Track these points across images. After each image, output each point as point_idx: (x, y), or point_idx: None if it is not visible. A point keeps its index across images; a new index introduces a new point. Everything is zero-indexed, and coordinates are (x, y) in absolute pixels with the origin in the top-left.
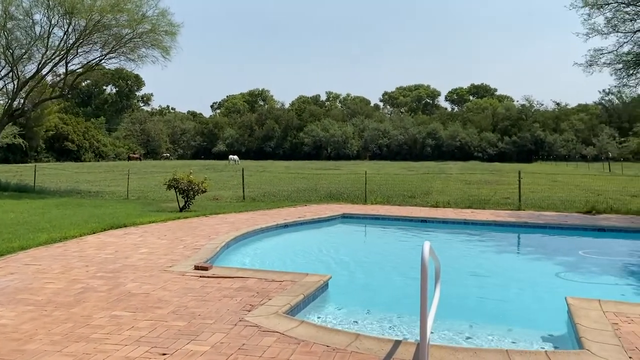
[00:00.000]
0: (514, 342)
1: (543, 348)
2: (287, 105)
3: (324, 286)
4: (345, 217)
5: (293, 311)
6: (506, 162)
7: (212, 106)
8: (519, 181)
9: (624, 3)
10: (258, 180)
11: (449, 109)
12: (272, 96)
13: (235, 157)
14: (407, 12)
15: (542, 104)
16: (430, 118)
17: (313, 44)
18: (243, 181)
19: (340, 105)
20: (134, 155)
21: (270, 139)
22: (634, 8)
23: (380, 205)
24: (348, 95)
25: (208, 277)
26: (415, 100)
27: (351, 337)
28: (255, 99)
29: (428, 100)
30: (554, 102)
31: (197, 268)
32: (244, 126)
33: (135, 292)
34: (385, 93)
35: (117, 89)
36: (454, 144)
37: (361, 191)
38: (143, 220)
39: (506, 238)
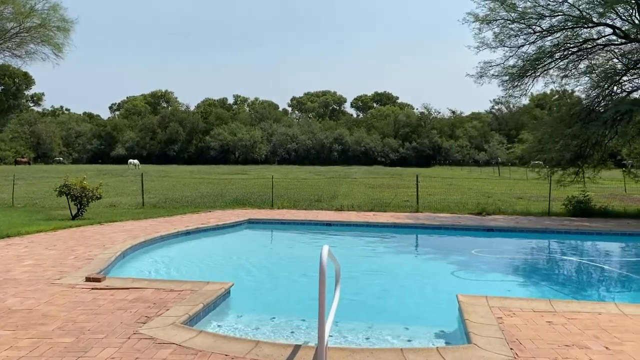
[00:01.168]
0: (409, 341)
1: (434, 345)
2: (192, 108)
3: (226, 294)
4: (251, 223)
5: (192, 321)
6: (407, 167)
7: (110, 107)
8: (417, 185)
9: (509, 20)
10: (160, 186)
11: (355, 115)
12: (176, 98)
13: (136, 161)
14: (314, 20)
15: (440, 112)
16: (336, 124)
17: (220, 47)
18: (142, 187)
19: (248, 109)
20: (22, 159)
21: (173, 142)
22: (518, 25)
23: (287, 210)
24: (256, 99)
25: (100, 288)
26: (322, 106)
27: (251, 344)
28: (158, 100)
29: (335, 107)
30: (450, 110)
31: (88, 280)
32: (145, 129)
33: (17, 308)
34: (294, 98)
35: (2, 87)
36: (359, 149)
37: (268, 196)
38: (30, 229)
39: (405, 239)
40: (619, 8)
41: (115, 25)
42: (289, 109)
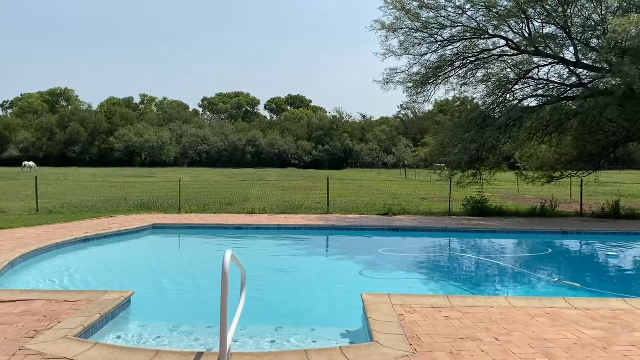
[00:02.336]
0: (314, 342)
1: (337, 344)
2: (95, 107)
3: (126, 303)
4: (156, 228)
5: (87, 333)
6: (320, 169)
7: (2, 105)
8: (328, 187)
9: (414, 29)
10: (57, 190)
11: (269, 118)
12: (77, 96)
13: (31, 163)
14: (226, 19)
15: (351, 116)
16: (250, 125)
17: (125, 43)
18: (37, 191)
19: (156, 109)
20: None
21: (74, 143)
22: (421, 34)
23: (196, 214)
24: (165, 99)
25: None
26: (235, 108)
27: (150, 354)
28: (57, 98)
29: (248, 108)
30: (361, 114)
31: None
32: (42, 129)
33: None
34: (205, 99)
35: None
36: (273, 151)
37: (176, 200)
38: None
39: (315, 241)
40: (512, 22)
41: (8, 14)
42: (200, 109)
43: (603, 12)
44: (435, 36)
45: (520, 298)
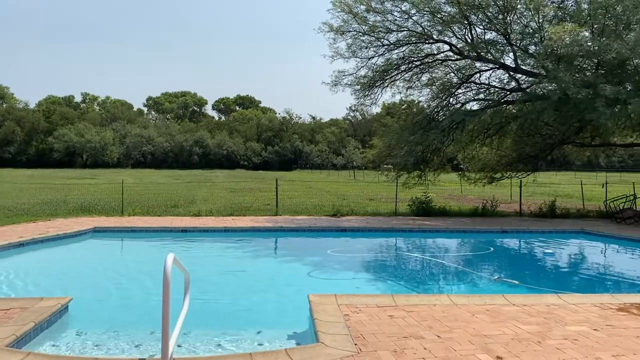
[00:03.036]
0: (260, 344)
1: (283, 346)
2: (32, 106)
3: (63, 310)
4: (97, 232)
5: (20, 342)
6: (269, 170)
7: None
8: (277, 188)
9: (361, 32)
10: None
11: (216, 118)
12: (12, 94)
13: None
14: (172, 16)
15: (301, 117)
16: (197, 126)
17: (66, 39)
18: None
19: (98, 108)
20: None
21: (9, 143)
22: (368, 37)
23: (139, 217)
24: (107, 98)
25: None
26: (182, 107)
27: None
28: None
29: (195, 108)
30: (310, 115)
31: None
32: None
33: None
34: (150, 98)
35: None
36: (221, 152)
37: (118, 202)
38: None
39: (263, 243)
40: (455, 27)
41: None
42: (145, 109)
43: (540, 20)
44: (382, 40)
45: (461, 296)
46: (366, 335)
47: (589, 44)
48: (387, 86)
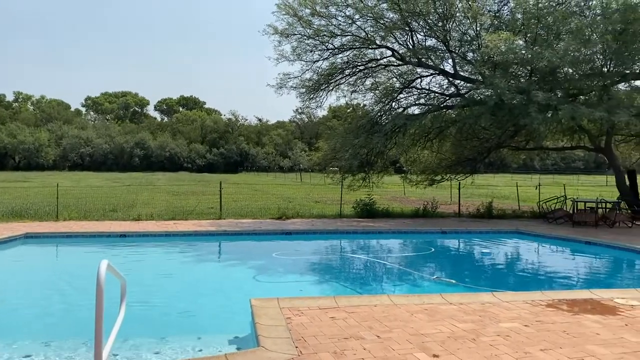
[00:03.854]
0: (200, 350)
1: (223, 352)
2: None
3: None
4: (29, 237)
5: None
6: (214, 173)
7: None
8: (220, 191)
9: (306, 36)
10: None
11: (159, 119)
12: None
13: None
14: (112, 14)
15: (247, 119)
16: (138, 127)
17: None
18: None
19: (32, 108)
20: None
21: None
22: (313, 41)
23: (75, 222)
24: (43, 97)
25: None
26: (122, 108)
27: None
28: None
29: (137, 109)
30: (257, 117)
31: None
32: None
33: None
34: (89, 98)
35: None
36: (164, 154)
37: (53, 206)
38: None
39: (206, 247)
40: (397, 33)
41: None
42: (83, 109)
43: (478, 28)
44: (327, 44)
45: (401, 296)
46: (307, 338)
47: (523, 52)
48: (332, 90)
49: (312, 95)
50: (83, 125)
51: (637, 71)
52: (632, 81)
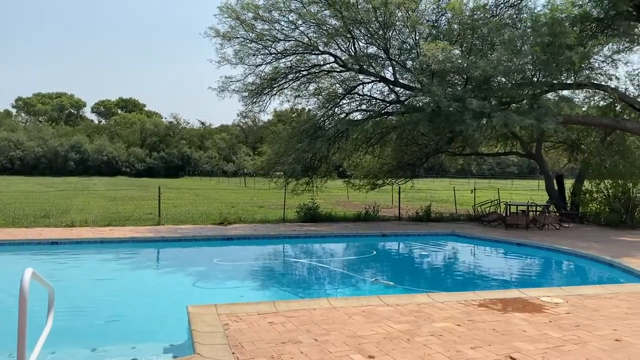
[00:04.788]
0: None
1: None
2: None
3: None
4: None
5: None
6: (155, 178)
7: None
8: (159, 197)
9: (248, 39)
10: None
11: (96, 122)
12: None
13: None
14: (46, 13)
15: (189, 123)
16: (74, 130)
17: None
18: None
19: None
20: None
21: None
22: (256, 45)
23: (3, 228)
24: None
25: None
26: (57, 110)
27: None
28: None
29: (72, 111)
30: (199, 121)
31: None
32: None
33: None
34: (20, 99)
35: None
36: (101, 158)
37: None
38: None
39: (144, 254)
40: (339, 40)
41: None
42: (13, 110)
43: (417, 38)
44: (270, 48)
45: (340, 299)
46: (244, 344)
47: (459, 61)
48: (275, 94)
49: (255, 99)
50: (13, 128)
51: (564, 81)
52: (560, 91)
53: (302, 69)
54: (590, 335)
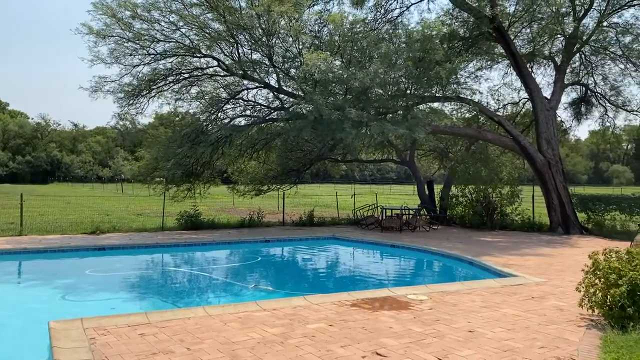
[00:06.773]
0: None
1: None
2: None
3: None
4: None
5: None
6: (19, 184)
7: None
8: (21, 205)
9: (125, 38)
10: None
11: None
12: None
13: None
14: None
15: (60, 124)
16: None
17: None
18: None
19: None
20: None
21: None
22: (133, 45)
23: None
24: None
25: None
26: None
27: None
28: None
29: None
30: (71, 122)
31: None
32: None
33: None
34: None
35: None
36: None
37: None
38: None
39: (1, 267)
40: (223, 44)
41: None
42: None
43: (300, 47)
44: (148, 48)
45: (216, 306)
46: (111, 357)
47: (340, 72)
48: (154, 96)
49: (131, 101)
50: None
51: (434, 94)
52: (429, 103)
53: (184, 71)
54: (448, 328)
